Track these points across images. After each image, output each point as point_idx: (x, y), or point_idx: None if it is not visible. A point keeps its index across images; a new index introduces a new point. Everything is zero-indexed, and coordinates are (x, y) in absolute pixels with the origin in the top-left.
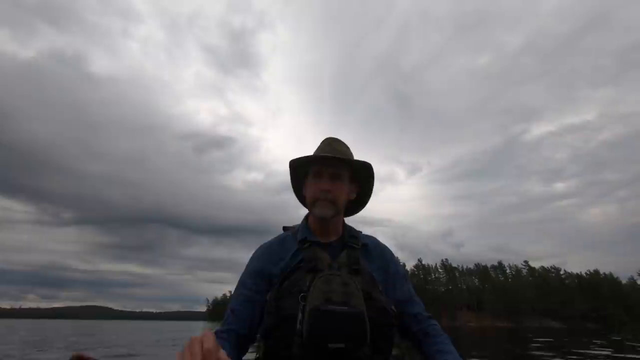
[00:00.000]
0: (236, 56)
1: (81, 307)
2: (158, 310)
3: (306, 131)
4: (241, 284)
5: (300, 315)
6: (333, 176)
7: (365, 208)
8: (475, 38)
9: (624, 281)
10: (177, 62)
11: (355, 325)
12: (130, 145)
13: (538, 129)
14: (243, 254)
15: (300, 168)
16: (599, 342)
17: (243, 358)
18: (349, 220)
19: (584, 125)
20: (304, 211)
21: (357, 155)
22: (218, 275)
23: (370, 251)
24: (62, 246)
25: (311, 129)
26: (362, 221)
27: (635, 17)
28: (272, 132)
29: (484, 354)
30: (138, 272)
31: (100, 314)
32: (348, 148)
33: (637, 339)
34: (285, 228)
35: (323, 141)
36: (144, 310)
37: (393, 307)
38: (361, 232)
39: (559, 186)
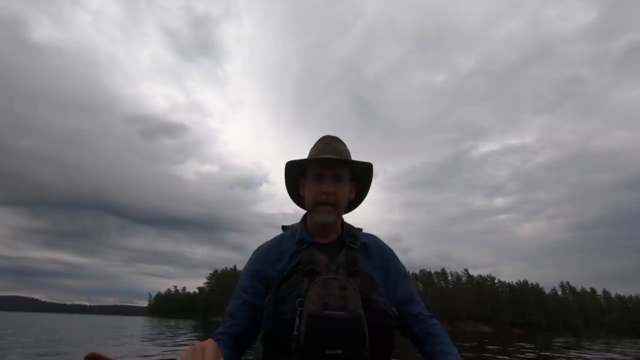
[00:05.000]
0: (198, 43)
1: (0, 297)
2: (92, 304)
3: (266, 126)
4: (240, 287)
5: (297, 320)
6: (335, 177)
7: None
8: (434, 56)
9: (547, 291)
10: (132, 41)
11: (353, 330)
12: (69, 122)
13: (484, 147)
14: (189, 248)
15: (295, 167)
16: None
17: None
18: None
19: (523, 147)
20: (259, 208)
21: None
22: (162, 269)
23: (370, 250)
24: None
25: (271, 125)
26: None
27: (573, 53)
28: (230, 124)
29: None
30: (70, 262)
31: (24, 305)
32: (346, 146)
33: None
34: (284, 228)
35: (321, 140)
36: (76, 302)
37: (393, 309)
38: (361, 229)
39: (499, 201)
